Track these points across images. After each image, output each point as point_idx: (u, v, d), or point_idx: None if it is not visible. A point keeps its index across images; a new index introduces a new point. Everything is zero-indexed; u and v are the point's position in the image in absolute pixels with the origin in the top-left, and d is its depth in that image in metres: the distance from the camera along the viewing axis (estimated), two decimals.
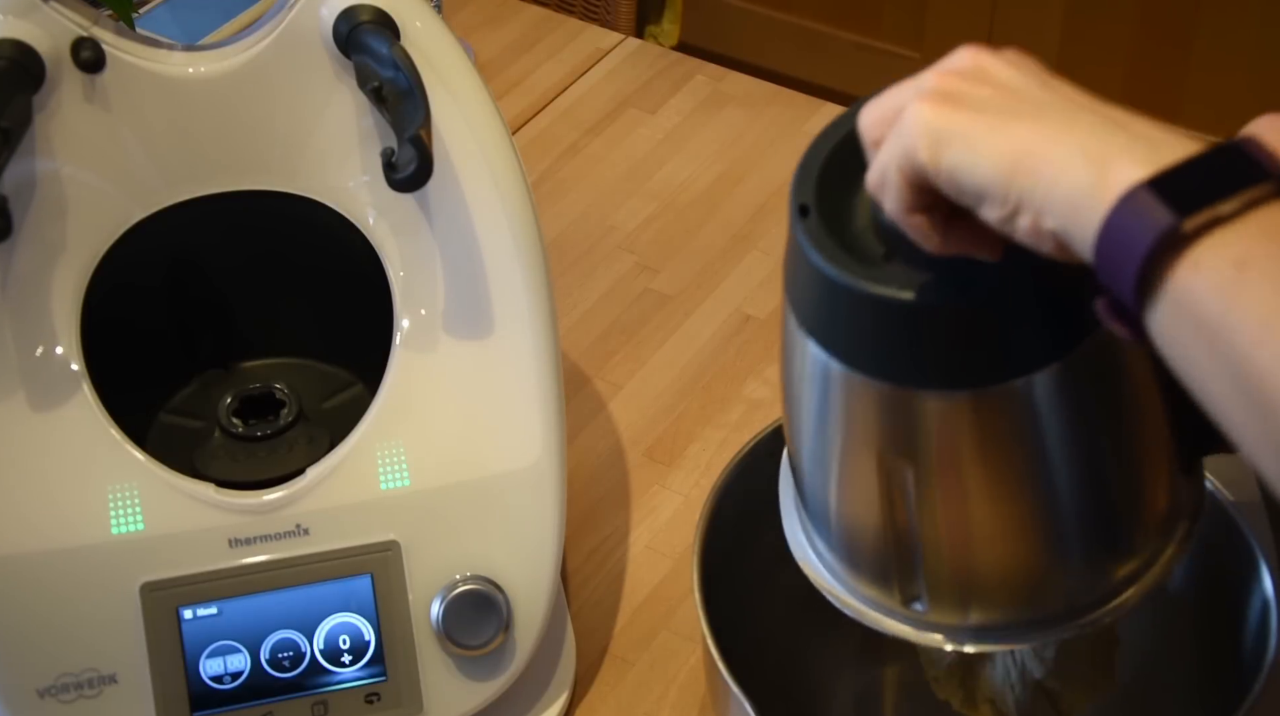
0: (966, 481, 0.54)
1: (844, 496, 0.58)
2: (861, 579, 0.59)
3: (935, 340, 0.50)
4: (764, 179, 1.10)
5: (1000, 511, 0.55)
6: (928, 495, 0.54)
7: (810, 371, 0.54)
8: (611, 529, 0.88)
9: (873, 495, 0.55)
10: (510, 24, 1.25)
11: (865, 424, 0.54)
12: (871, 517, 0.56)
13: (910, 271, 0.49)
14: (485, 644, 0.71)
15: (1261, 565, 0.66)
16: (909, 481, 0.54)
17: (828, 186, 0.52)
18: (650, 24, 1.98)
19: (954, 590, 0.57)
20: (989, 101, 0.46)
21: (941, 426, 0.52)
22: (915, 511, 0.54)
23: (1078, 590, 0.57)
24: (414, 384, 0.71)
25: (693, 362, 0.97)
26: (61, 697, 0.68)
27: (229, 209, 0.72)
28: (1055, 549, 0.56)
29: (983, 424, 0.52)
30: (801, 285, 0.53)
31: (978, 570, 0.57)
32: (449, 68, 0.70)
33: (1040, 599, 0.57)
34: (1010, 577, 0.57)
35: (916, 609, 0.58)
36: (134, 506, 0.68)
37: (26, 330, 0.68)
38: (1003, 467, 0.54)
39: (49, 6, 0.67)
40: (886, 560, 0.57)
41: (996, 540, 0.56)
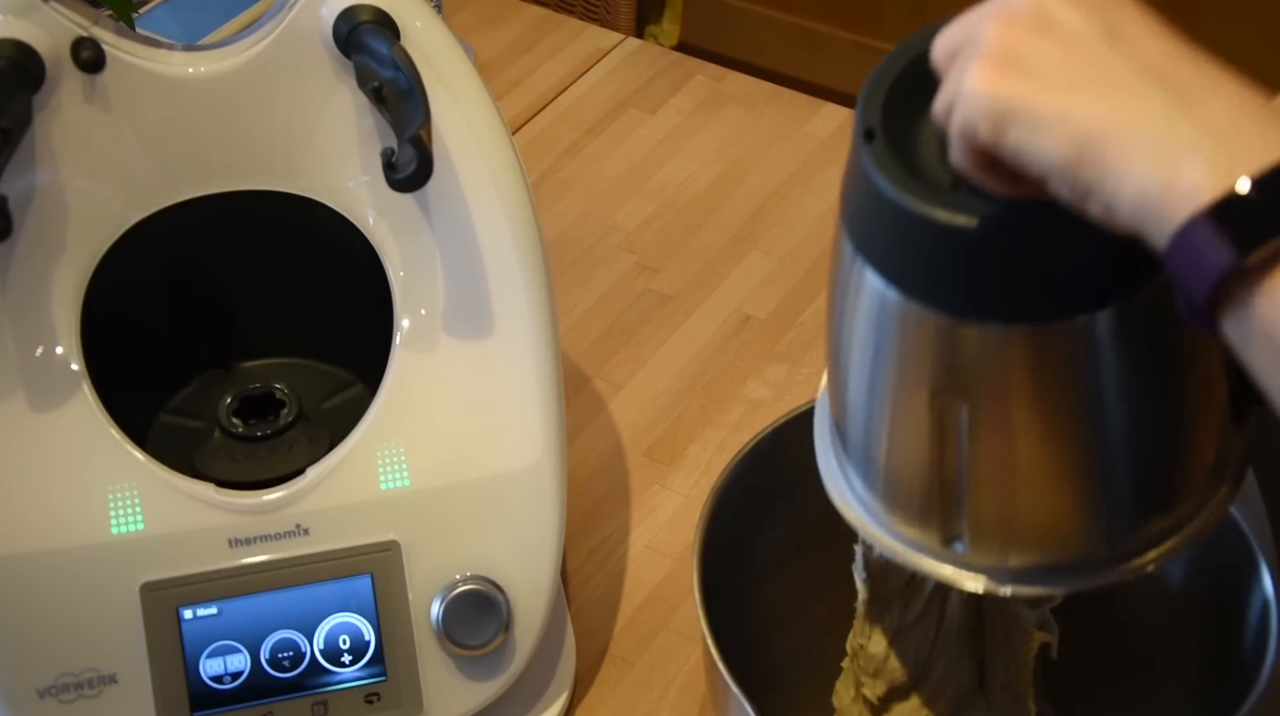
0: (1018, 419, 0.53)
1: (890, 431, 0.56)
2: (899, 518, 0.58)
3: (999, 272, 0.49)
4: (764, 179, 1.10)
5: (1050, 452, 0.54)
6: (978, 432, 0.53)
7: (865, 300, 0.53)
8: (611, 529, 0.88)
9: (921, 430, 0.54)
10: (510, 24, 1.25)
11: (919, 356, 0.53)
12: (918, 453, 0.55)
13: (978, 200, 0.48)
14: (485, 644, 0.71)
15: (1261, 565, 0.66)
16: (960, 417, 0.53)
17: (893, 109, 0.51)
18: (650, 24, 1.98)
19: (997, 530, 0.56)
20: (1052, 68, 0.44)
21: (998, 361, 0.51)
22: (964, 448, 0.54)
23: (1121, 536, 0.56)
24: (414, 384, 0.71)
25: (693, 363, 0.97)
26: (61, 697, 0.68)
27: (229, 209, 0.72)
28: (1102, 492, 0.55)
29: (1040, 361, 0.51)
30: (862, 211, 0.52)
31: (1022, 511, 0.56)
32: (449, 68, 0.70)
33: (1083, 543, 0.56)
34: (1055, 520, 0.56)
35: (956, 549, 0.57)
36: (134, 506, 0.68)
37: (26, 330, 0.68)
38: (1056, 407, 0.53)
39: (49, 6, 0.67)
40: (929, 498, 0.56)
41: (1044, 481, 0.55)
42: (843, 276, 0.54)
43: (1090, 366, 0.51)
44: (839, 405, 0.59)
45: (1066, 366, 0.51)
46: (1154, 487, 0.56)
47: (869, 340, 0.54)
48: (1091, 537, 0.56)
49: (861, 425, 0.58)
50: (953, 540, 0.57)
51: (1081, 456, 0.54)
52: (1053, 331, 0.50)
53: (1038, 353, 0.51)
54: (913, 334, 0.52)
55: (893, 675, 0.68)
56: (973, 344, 0.51)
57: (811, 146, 1.13)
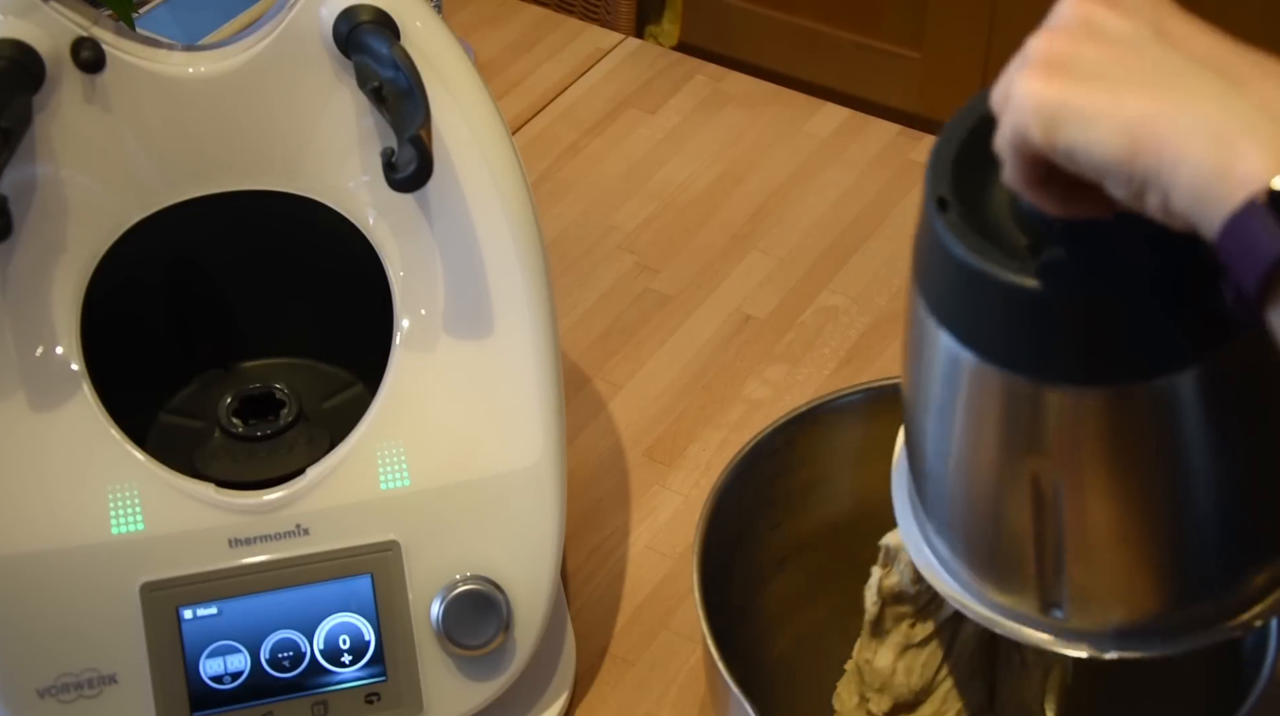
0: (1105, 482, 0.53)
1: (974, 497, 0.56)
2: (991, 585, 0.58)
3: (1074, 334, 0.49)
4: (764, 179, 1.10)
5: (1143, 513, 0.53)
6: (1066, 497, 0.53)
7: (941, 365, 0.53)
8: (611, 529, 0.88)
9: (1005, 495, 0.54)
10: (510, 24, 1.25)
11: (997, 420, 0.52)
12: (1002, 520, 0.55)
13: (1055, 262, 0.48)
14: (485, 644, 0.71)
15: None
16: (1046, 481, 0.52)
17: (963, 174, 0.51)
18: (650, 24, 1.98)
19: (1098, 595, 0.56)
20: (1101, 67, 0.44)
21: (1076, 423, 0.51)
22: (1055, 513, 0.53)
23: (1226, 592, 0.56)
24: (414, 384, 0.71)
25: (693, 363, 0.97)
26: (61, 697, 0.68)
27: (229, 209, 0.72)
28: (1202, 550, 0.55)
29: (1118, 423, 0.51)
30: (937, 276, 0.52)
31: (1123, 574, 0.55)
32: (449, 68, 0.70)
33: (1187, 602, 0.56)
34: (1157, 580, 0.56)
35: (1055, 616, 0.56)
36: (134, 506, 0.68)
37: (26, 330, 0.68)
38: (1143, 468, 0.52)
39: (49, 6, 0.67)
40: (1022, 565, 0.56)
41: (1142, 542, 0.54)
42: (916, 338, 0.54)
43: (1170, 427, 0.51)
44: (918, 468, 0.59)
45: (1144, 428, 0.51)
46: (1255, 539, 0.56)
47: (946, 403, 0.54)
48: (1195, 596, 0.56)
49: (943, 490, 0.57)
50: (1052, 607, 0.56)
51: (1176, 516, 0.54)
52: (1131, 393, 0.50)
53: (1114, 415, 0.51)
54: (990, 397, 0.52)
55: (899, 691, 0.68)
56: (1051, 407, 0.51)
57: (811, 146, 1.13)
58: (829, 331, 0.99)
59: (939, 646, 0.67)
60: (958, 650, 0.67)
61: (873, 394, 0.76)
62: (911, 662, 0.68)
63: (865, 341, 0.98)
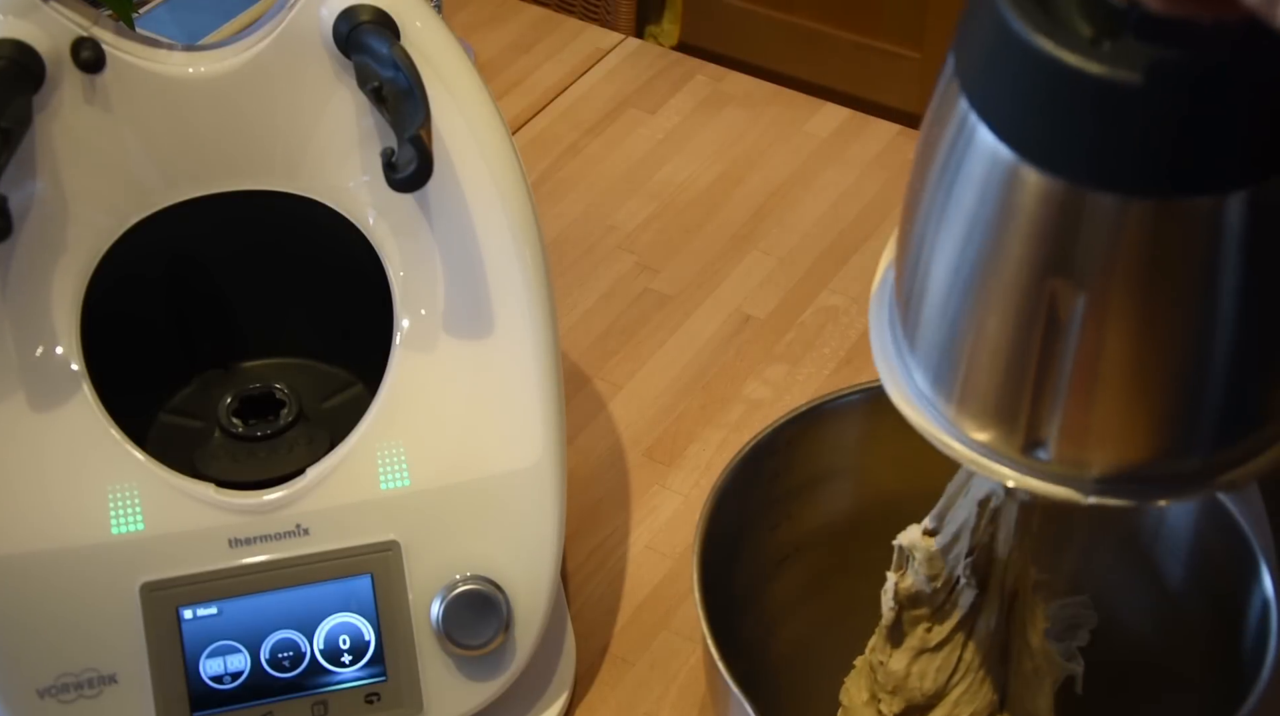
0: (1125, 308, 0.49)
1: (981, 319, 0.52)
2: (973, 421, 0.55)
3: (1136, 132, 0.46)
4: (764, 179, 1.10)
5: (1162, 348, 0.50)
6: (1084, 320, 0.49)
7: (971, 164, 0.49)
8: (611, 529, 0.88)
9: (1021, 318, 0.51)
10: (510, 24, 1.25)
11: (1028, 231, 0.49)
12: (1014, 344, 0.51)
13: (1128, 51, 0.45)
14: (485, 644, 0.71)
15: (1261, 565, 0.66)
16: (1070, 304, 0.49)
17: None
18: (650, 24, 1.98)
19: (1090, 434, 0.53)
20: None
21: (1112, 239, 0.48)
22: (1066, 338, 0.50)
23: (1218, 447, 0.53)
24: (414, 384, 0.71)
25: (693, 363, 0.97)
26: (61, 697, 0.68)
27: (229, 209, 0.72)
28: (1209, 397, 0.52)
29: (1157, 242, 0.48)
30: (986, 62, 0.48)
31: (1123, 412, 0.52)
32: (449, 68, 0.70)
33: (1178, 452, 0.53)
34: (1155, 424, 0.53)
35: (1038, 457, 0.53)
36: (134, 506, 0.68)
37: (26, 330, 0.68)
38: (1170, 299, 0.49)
39: (49, 6, 0.67)
40: (1018, 396, 0.52)
41: (1152, 380, 0.51)
42: (944, 139, 0.50)
43: (1214, 255, 0.48)
44: (913, 291, 0.55)
45: (1186, 252, 0.48)
46: (1258, 398, 0.53)
47: (969, 212, 0.50)
48: (1188, 446, 0.53)
49: (943, 312, 0.54)
50: (1036, 446, 0.53)
51: (1191, 358, 0.51)
52: (1178, 209, 0.47)
53: (1157, 232, 0.47)
54: (1023, 204, 0.48)
55: (911, 694, 0.68)
56: (1090, 218, 0.47)
57: (811, 146, 1.13)
58: (829, 331, 0.99)
59: (954, 651, 0.67)
60: (971, 653, 0.67)
61: (873, 394, 0.76)
62: (926, 666, 0.68)
63: (865, 341, 0.98)
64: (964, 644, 0.67)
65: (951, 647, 0.67)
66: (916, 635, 0.68)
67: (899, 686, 0.68)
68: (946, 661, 0.67)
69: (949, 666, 0.67)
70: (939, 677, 0.68)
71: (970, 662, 0.67)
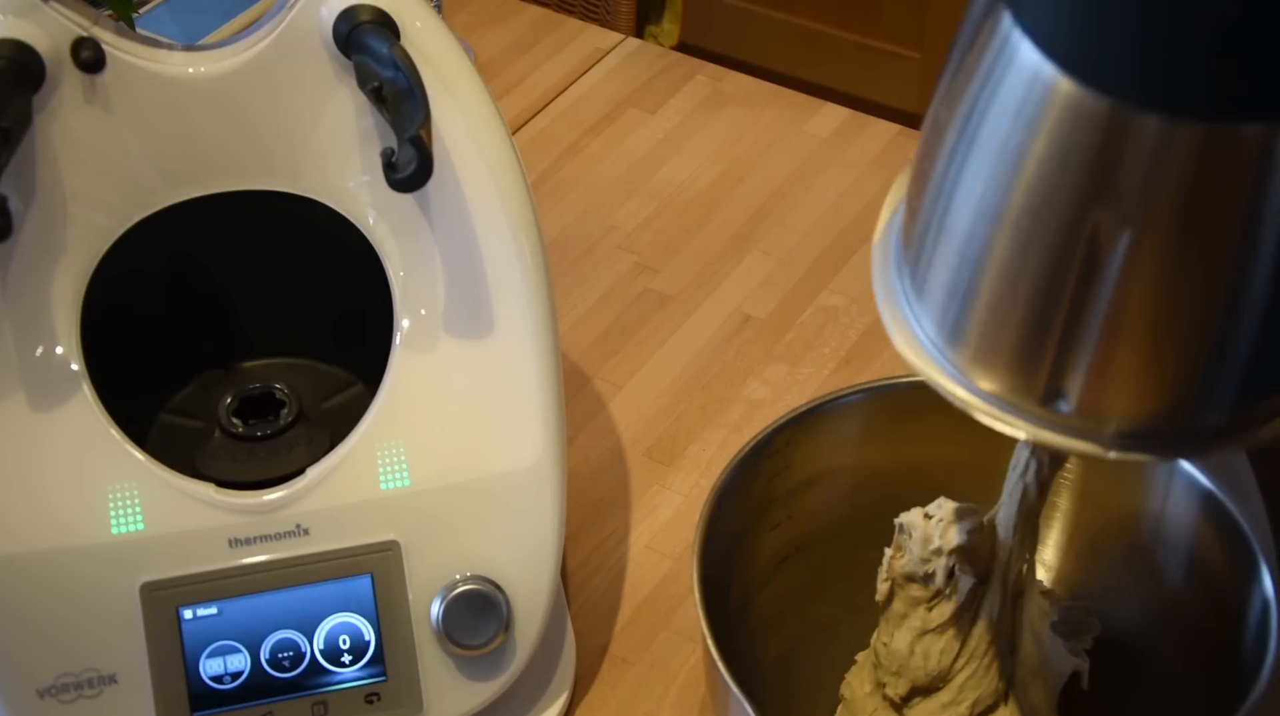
0: (1171, 243, 0.46)
1: (1010, 257, 0.49)
2: (986, 370, 0.52)
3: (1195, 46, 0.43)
4: (764, 179, 1.10)
5: (1206, 289, 0.48)
6: (1125, 255, 0.47)
7: (1010, 84, 0.46)
8: (611, 529, 0.88)
9: (1054, 252, 0.48)
10: (510, 24, 1.25)
11: (1071, 158, 0.46)
12: (1042, 285, 0.49)
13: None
14: (485, 644, 0.71)
15: (1261, 565, 0.66)
16: (1109, 237, 0.46)
17: None
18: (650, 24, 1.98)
19: (1117, 383, 0.50)
20: None
21: (1165, 168, 0.45)
22: (1108, 277, 0.47)
23: (1245, 403, 0.51)
24: (414, 384, 0.71)
25: (693, 363, 0.97)
26: (61, 697, 0.68)
27: (229, 209, 0.72)
28: (1242, 351, 0.49)
29: (1211, 171, 0.45)
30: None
31: (1153, 360, 0.49)
32: (449, 68, 0.70)
33: (1203, 406, 0.51)
34: (1184, 374, 0.50)
35: (1059, 408, 0.51)
36: (134, 506, 0.68)
37: (26, 330, 0.69)
38: (1222, 234, 0.46)
39: (49, 6, 0.67)
40: (1043, 343, 0.50)
41: (1190, 324, 0.48)
42: (978, 63, 0.48)
43: (1263, 190, 0.45)
44: (930, 231, 0.52)
45: (1239, 183, 0.45)
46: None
47: (1003, 140, 0.47)
48: (1213, 399, 0.50)
49: (964, 251, 0.51)
50: (1057, 396, 0.50)
51: (1232, 301, 0.48)
52: (1234, 135, 0.44)
53: (1211, 158, 0.45)
54: (1067, 128, 0.46)
55: (915, 674, 0.69)
56: (1138, 142, 0.45)
57: (811, 146, 1.13)
58: (829, 331, 0.99)
59: (956, 635, 0.67)
60: (975, 639, 0.67)
61: (873, 394, 0.76)
62: (929, 647, 0.68)
63: (865, 341, 0.98)
64: (968, 630, 0.67)
65: (954, 632, 0.67)
66: (918, 615, 0.68)
67: (903, 667, 0.69)
68: (950, 644, 0.68)
69: (952, 650, 0.68)
70: (942, 660, 0.68)
71: (975, 649, 0.68)
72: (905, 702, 0.70)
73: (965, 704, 0.68)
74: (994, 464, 0.77)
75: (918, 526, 0.67)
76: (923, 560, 0.67)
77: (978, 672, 0.68)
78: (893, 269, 0.56)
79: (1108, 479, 0.75)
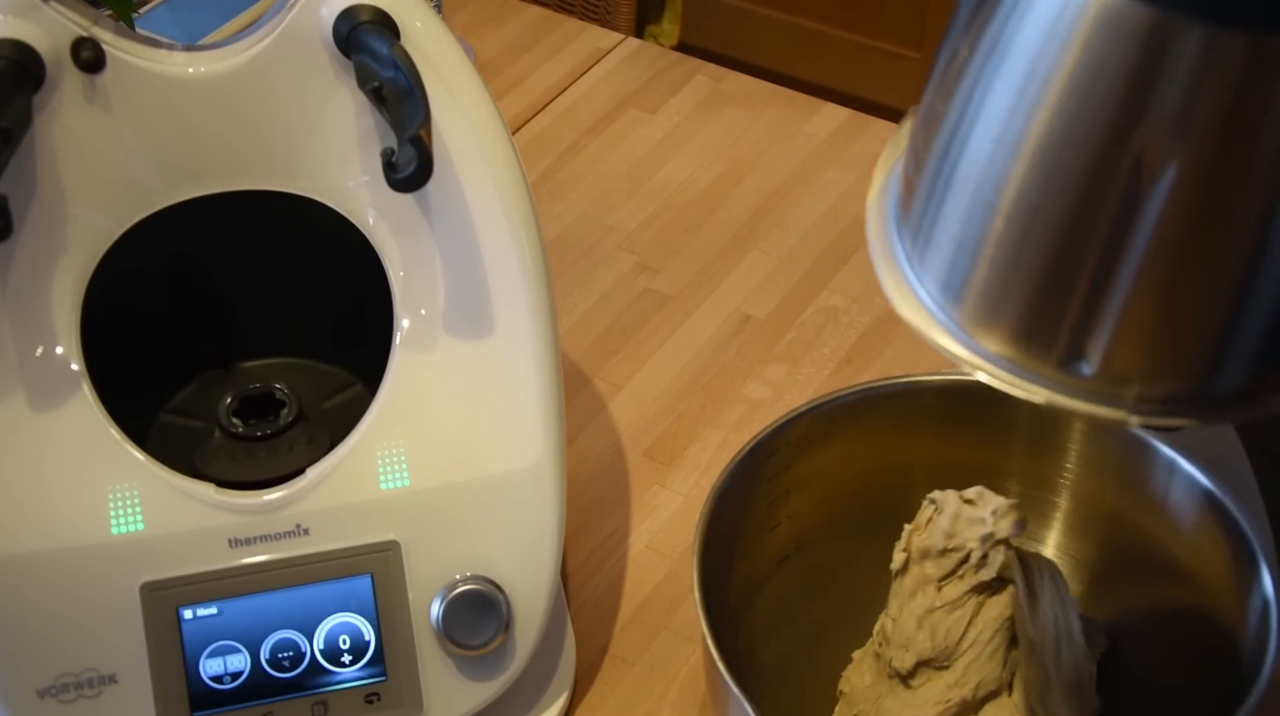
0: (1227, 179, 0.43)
1: (1033, 196, 0.45)
2: (999, 333, 0.48)
3: None
4: (764, 179, 1.10)
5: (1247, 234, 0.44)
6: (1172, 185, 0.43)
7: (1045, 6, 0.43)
8: (611, 529, 0.88)
9: (1088, 193, 0.44)
10: (510, 24, 1.25)
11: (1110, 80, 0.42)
12: (1074, 228, 0.45)
13: None
14: (485, 644, 0.71)
15: (1261, 565, 0.66)
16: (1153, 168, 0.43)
17: None
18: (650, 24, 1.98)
19: (1148, 342, 0.46)
20: None
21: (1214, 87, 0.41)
22: (1147, 218, 0.43)
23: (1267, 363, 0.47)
24: (414, 384, 0.71)
25: (693, 363, 0.97)
26: (61, 697, 0.68)
27: (229, 209, 0.72)
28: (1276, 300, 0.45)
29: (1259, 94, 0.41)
30: None
31: (1188, 317, 0.46)
32: (449, 68, 0.70)
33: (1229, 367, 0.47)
34: (1223, 331, 0.46)
35: (1081, 371, 0.47)
36: (134, 506, 0.68)
37: (26, 330, 0.69)
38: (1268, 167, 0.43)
39: (49, 6, 0.67)
40: (1068, 297, 0.46)
41: (1229, 274, 0.45)
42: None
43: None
44: (938, 175, 0.48)
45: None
46: None
47: (1031, 60, 0.44)
48: (1239, 359, 0.46)
49: (977, 196, 0.47)
50: (1078, 358, 0.47)
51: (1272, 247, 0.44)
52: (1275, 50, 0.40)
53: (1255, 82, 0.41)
54: (1104, 47, 0.42)
55: (922, 647, 0.69)
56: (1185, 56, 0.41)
57: (811, 146, 1.13)
58: (829, 331, 0.99)
59: (964, 615, 0.68)
60: (980, 624, 0.68)
61: (873, 394, 0.76)
62: (937, 623, 0.69)
63: (865, 341, 0.98)
64: (975, 613, 0.68)
65: (962, 612, 0.68)
66: (929, 592, 0.69)
67: (909, 640, 0.69)
68: (957, 624, 0.68)
69: (959, 629, 0.68)
70: (948, 640, 0.68)
71: (980, 634, 0.68)
72: (911, 677, 0.70)
73: (970, 685, 0.68)
74: (994, 464, 0.77)
75: (950, 503, 0.68)
76: (948, 535, 0.67)
77: (982, 656, 0.68)
78: (891, 228, 0.52)
79: (1108, 479, 0.75)
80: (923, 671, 0.70)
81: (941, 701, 0.69)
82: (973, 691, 0.68)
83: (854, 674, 0.74)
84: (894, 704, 0.70)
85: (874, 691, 0.72)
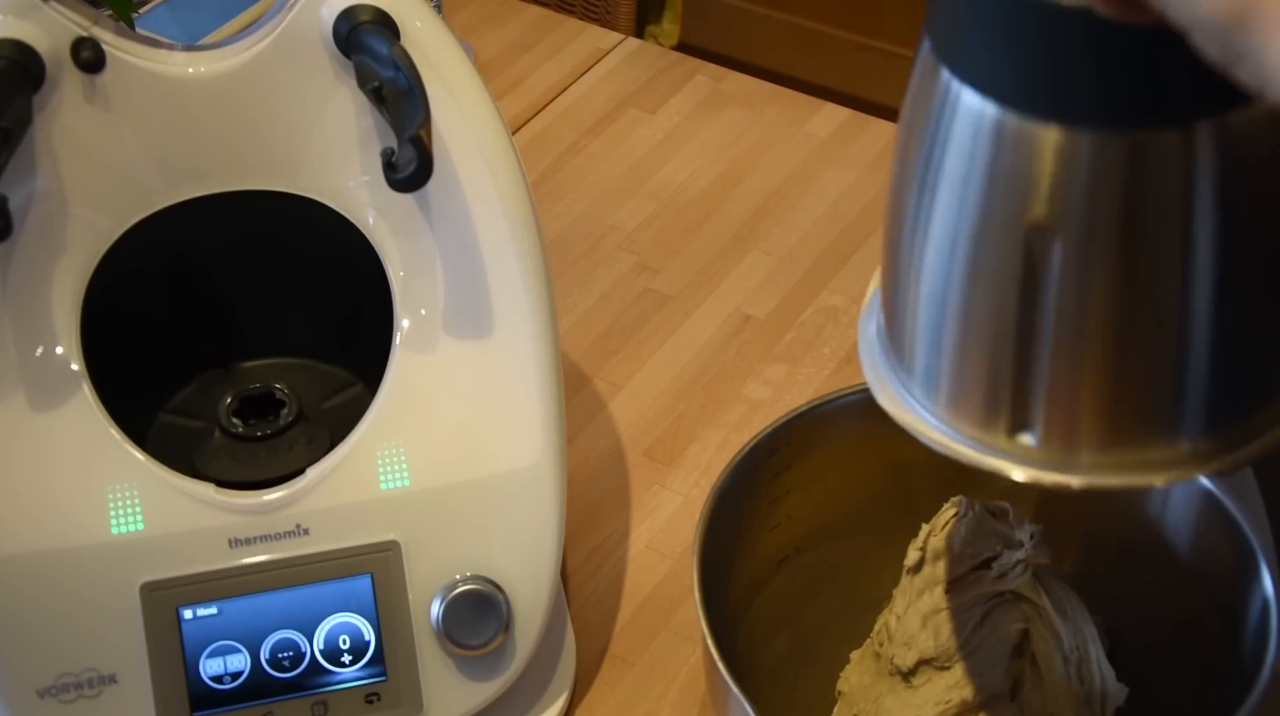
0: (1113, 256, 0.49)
1: (967, 295, 0.52)
2: (963, 414, 0.54)
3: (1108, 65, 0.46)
4: (764, 179, 1.10)
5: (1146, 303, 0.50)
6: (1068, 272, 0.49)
7: (957, 129, 0.50)
8: (611, 529, 0.88)
9: (1005, 281, 0.50)
10: (510, 24, 1.25)
11: (1012, 183, 0.49)
12: (997, 312, 0.51)
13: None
14: (485, 644, 0.71)
15: (1261, 565, 0.66)
16: (1050, 256, 0.49)
17: None
18: (650, 24, 1.98)
19: (1076, 407, 0.52)
20: None
21: (1093, 179, 0.48)
22: (1051, 295, 0.50)
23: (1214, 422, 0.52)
24: (414, 384, 0.71)
25: (693, 363, 0.97)
26: (61, 697, 0.68)
27: (229, 209, 0.72)
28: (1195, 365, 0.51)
29: (1138, 180, 0.47)
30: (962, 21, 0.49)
31: (1107, 381, 0.51)
32: (449, 68, 0.70)
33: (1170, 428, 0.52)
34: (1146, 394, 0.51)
35: (1027, 441, 0.53)
36: (134, 506, 0.68)
37: (26, 330, 0.68)
38: (1155, 243, 0.48)
39: (49, 6, 0.67)
40: (1003, 374, 0.52)
41: (1138, 341, 0.50)
42: (924, 119, 0.51)
43: (1187, 195, 0.47)
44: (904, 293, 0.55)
45: (1161, 192, 0.47)
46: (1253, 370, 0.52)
47: (955, 181, 0.51)
48: (1178, 423, 0.52)
49: (931, 300, 0.54)
50: (1023, 427, 0.53)
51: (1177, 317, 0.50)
52: (1153, 142, 0.47)
53: (1134, 165, 0.47)
54: (1008, 154, 0.49)
55: (924, 646, 0.69)
56: (1071, 157, 0.48)
57: (811, 146, 1.13)
58: (829, 331, 0.99)
59: (967, 620, 0.68)
60: (985, 631, 0.68)
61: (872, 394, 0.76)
62: (941, 625, 0.69)
63: None
64: (980, 621, 0.68)
65: (966, 617, 0.68)
66: (936, 593, 0.69)
67: (912, 639, 0.69)
68: (960, 627, 0.68)
69: (962, 634, 0.68)
70: (951, 640, 0.68)
71: (983, 642, 0.68)
72: (912, 675, 0.70)
73: (971, 687, 0.68)
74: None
75: (974, 511, 0.69)
76: (966, 542, 0.68)
77: (983, 663, 0.68)
78: (876, 341, 0.59)
79: None
80: (924, 670, 0.70)
81: (942, 701, 0.69)
82: (974, 693, 0.68)
83: (852, 674, 0.74)
84: (894, 703, 0.70)
85: (874, 691, 0.72)
